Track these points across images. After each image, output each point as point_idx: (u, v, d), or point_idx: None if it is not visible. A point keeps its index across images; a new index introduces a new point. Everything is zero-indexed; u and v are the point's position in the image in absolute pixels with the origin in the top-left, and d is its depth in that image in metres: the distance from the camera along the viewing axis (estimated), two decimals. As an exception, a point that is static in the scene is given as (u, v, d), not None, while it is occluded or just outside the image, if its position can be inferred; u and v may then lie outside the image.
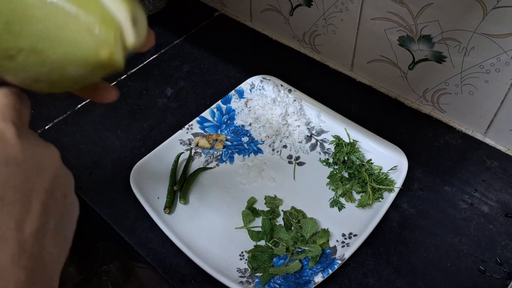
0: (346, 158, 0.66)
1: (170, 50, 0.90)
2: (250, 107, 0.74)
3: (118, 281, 1.23)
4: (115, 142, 0.74)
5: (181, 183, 0.66)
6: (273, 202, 0.64)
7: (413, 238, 0.60)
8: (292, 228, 0.61)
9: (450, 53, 0.66)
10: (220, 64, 0.87)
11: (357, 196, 0.64)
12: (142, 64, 0.87)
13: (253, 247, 0.60)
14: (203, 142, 0.70)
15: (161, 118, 0.77)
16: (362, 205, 0.62)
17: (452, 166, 0.68)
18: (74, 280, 1.22)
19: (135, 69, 0.86)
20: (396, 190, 0.62)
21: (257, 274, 0.57)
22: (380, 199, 0.62)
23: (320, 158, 0.69)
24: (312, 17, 0.81)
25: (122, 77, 0.85)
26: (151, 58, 0.89)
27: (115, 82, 0.83)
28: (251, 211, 0.63)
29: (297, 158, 0.70)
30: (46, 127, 0.77)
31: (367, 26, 0.73)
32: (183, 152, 0.70)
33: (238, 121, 0.75)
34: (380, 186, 0.62)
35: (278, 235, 0.60)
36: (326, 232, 0.59)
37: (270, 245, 0.59)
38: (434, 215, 0.63)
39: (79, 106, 0.80)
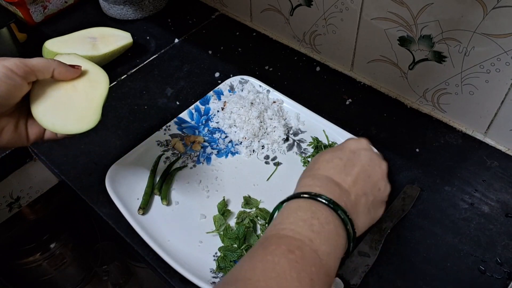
0: None
1: (170, 50, 0.90)
2: (228, 108, 0.74)
3: (118, 281, 1.23)
4: (115, 142, 0.74)
5: (160, 184, 0.66)
6: (250, 202, 0.64)
7: (413, 238, 0.60)
8: (258, 230, 0.61)
9: (450, 53, 0.66)
10: (220, 64, 0.87)
11: None
12: (142, 64, 0.87)
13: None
14: (179, 145, 0.70)
15: (161, 118, 0.77)
16: None
17: (452, 166, 0.68)
18: (74, 280, 1.22)
19: (135, 69, 0.86)
20: None
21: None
22: None
23: (297, 159, 0.69)
24: (312, 17, 0.81)
25: (122, 77, 0.85)
26: (151, 58, 0.89)
27: (115, 82, 0.84)
28: (222, 213, 0.62)
29: (274, 158, 0.70)
30: (46, 127, 0.76)
31: (367, 26, 0.73)
32: (163, 154, 0.70)
33: (216, 122, 0.75)
34: None
35: (250, 240, 0.59)
36: None
37: (242, 250, 0.58)
38: (434, 215, 0.63)
39: (79, 106, 0.80)
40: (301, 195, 0.44)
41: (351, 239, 0.44)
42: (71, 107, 0.51)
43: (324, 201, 0.43)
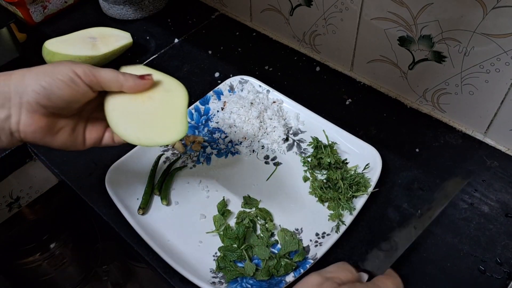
0: (322, 161, 0.66)
1: (170, 50, 0.90)
2: (228, 108, 0.74)
3: (118, 281, 1.23)
4: (115, 142, 0.74)
5: (160, 184, 0.66)
6: (249, 202, 0.64)
7: (413, 238, 0.60)
8: (258, 230, 0.61)
9: (450, 53, 0.66)
10: (220, 64, 0.87)
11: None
12: (142, 64, 0.87)
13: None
14: (178, 145, 0.70)
15: (161, 118, 0.77)
16: (332, 216, 0.61)
17: (452, 166, 0.68)
18: (74, 280, 1.22)
19: (135, 69, 0.86)
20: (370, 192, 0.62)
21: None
22: (352, 210, 0.61)
23: (296, 159, 0.69)
24: (312, 17, 0.81)
25: (122, 77, 0.85)
26: (151, 58, 0.89)
27: (115, 82, 0.83)
28: (222, 213, 0.62)
29: (274, 158, 0.70)
30: (46, 127, 0.76)
31: (367, 26, 0.73)
32: (163, 154, 0.70)
33: (216, 122, 0.74)
34: (355, 194, 0.62)
35: (250, 240, 0.59)
36: (303, 252, 0.58)
37: (242, 250, 0.58)
38: (434, 215, 0.63)
39: (79, 106, 0.80)
40: None
41: None
42: (153, 118, 0.50)
43: None
